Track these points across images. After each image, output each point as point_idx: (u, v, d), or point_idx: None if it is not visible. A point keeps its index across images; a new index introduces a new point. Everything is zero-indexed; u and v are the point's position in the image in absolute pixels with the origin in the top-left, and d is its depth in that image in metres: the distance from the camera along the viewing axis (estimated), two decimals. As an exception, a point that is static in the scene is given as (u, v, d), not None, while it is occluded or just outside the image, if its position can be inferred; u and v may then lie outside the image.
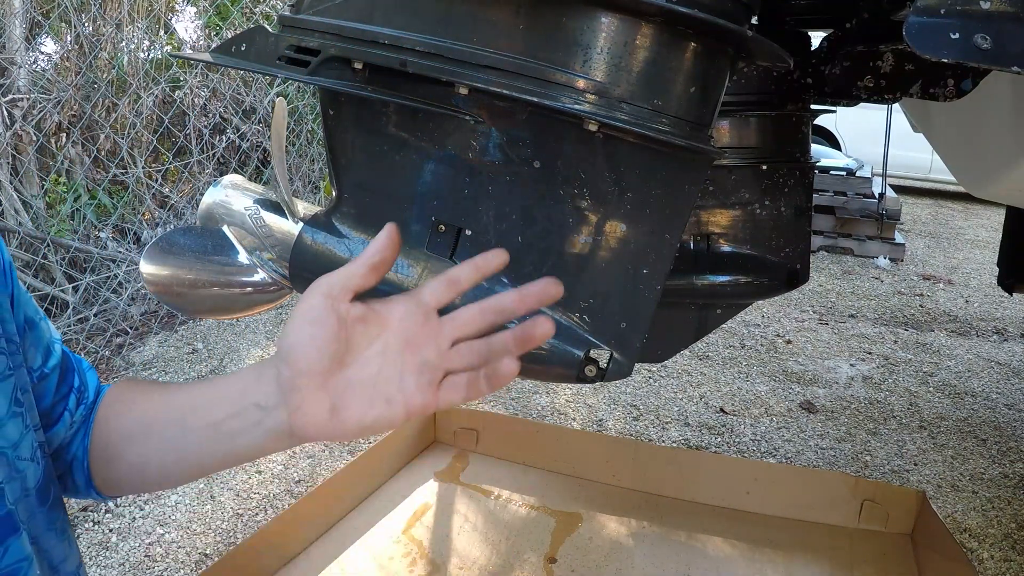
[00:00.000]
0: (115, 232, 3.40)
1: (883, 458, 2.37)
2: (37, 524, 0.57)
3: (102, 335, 2.93)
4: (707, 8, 0.60)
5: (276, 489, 2.07)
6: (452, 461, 1.69)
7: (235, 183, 0.81)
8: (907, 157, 6.31)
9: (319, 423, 0.51)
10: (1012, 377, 3.10)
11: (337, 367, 0.51)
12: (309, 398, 0.51)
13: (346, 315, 0.51)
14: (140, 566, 1.74)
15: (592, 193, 0.62)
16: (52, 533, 0.59)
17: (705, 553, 1.41)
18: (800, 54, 1.21)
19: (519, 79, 0.58)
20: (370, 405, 0.52)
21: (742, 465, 1.68)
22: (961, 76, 1.05)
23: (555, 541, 1.42)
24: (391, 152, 0.67)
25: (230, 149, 3.97)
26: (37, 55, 3.34)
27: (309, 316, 0.51)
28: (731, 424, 2.55)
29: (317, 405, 0.51)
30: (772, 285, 1.30)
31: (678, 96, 0.62)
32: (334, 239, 0.71)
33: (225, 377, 0.58)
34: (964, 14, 0.59)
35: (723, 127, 1.22)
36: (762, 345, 3.32)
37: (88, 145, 3.37)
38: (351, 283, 0.52)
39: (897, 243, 4.98)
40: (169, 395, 0.61)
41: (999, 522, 2.04)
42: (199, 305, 0.80)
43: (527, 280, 0.64)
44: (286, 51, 0.67)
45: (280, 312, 3.39)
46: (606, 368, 0.64)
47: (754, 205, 1.26)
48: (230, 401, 0.55)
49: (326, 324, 0.50)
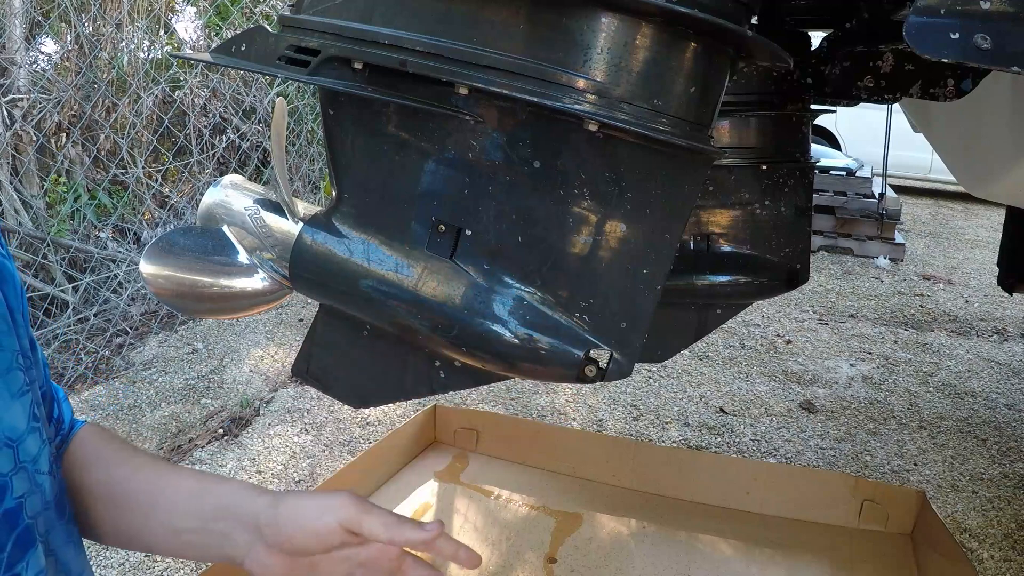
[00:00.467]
0: (115, 232, 3.40)
1: (883, 458, 2.37)
2: (57, 537, 0.58)
3: (102, 335, 2.93)
4: (707, 8, 0.60)
5: (276, 489, 2.08)
6: (452, 461, 1.69)
7: (235, 183, 0.80)
8: (907, 157, 6.31)
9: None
10: (1012, 377, 3.10)
11: (309, 566, 0.59)
12: (276, 564, 0.59)
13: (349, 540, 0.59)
14: (140, 566, 1.74)
15: (592, 193, 0.62)
16: (71, 546, 0.60)
17: (705, 553, 1.41)
18: (800, 54, 1.21)
19: (519, 79, 0.58)
20: None
21: (742, 465, 1.68)
22: (961, 76, 1.05)
23: (555, 541, 1.42)
24: (391, 152, 0.67)
25: (230, 149, 3.97)
26: (37, 55, 3.34)
27: (324, 528, 0.58)
28: (731, 424, 2.55)
29: (276, 572, 0.59)
30: (772, 285, 1.31)
31: (678, 96, 0.62)
32: (334, 239, 0.71)
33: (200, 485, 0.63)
34: (964, 14, 0.59)
35: (723, 127, 1.22)
36: (762, 345, 3.32)
37: (88, 145, 3.37)
38: (373, 532, 0.59)
39: (897, 243, 4.98)
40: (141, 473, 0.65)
41: (999, 522, 2.04)
42: (199, 305, 0.80)
43: (527, 280, 0.64)
44: (286, 51, 0.67)
45: (280, 312, 3.39)
46: (606, 368, 0.64)
47: (754, 205, 1.26)
48: (196, 517, 0.61)
49: (327, 543, 0.58)
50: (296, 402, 2.59)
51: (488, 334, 0.64)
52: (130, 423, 2.45)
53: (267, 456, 2.26)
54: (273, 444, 2.33)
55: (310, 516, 0.59)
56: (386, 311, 0.69)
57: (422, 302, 0.66)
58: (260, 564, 0.59)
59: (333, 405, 2.54)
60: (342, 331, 0.76)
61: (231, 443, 2.33)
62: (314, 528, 0.58)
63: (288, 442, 2.35)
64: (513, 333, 0.64)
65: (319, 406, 2.57)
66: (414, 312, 0.67)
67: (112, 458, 0.66)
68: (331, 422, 2.48)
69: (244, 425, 2.45)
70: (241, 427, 2.44)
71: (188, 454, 2.26)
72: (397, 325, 0.70)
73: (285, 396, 2.64)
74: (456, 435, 1.75)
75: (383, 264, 0.68)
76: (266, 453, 2.28)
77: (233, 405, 2.58)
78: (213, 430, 2.42)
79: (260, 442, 2.34)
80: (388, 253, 0.68)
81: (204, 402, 2.61)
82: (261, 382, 2.76)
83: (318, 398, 2.60)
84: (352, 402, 0.80)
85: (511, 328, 0.64)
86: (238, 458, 2.24)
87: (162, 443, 2.34)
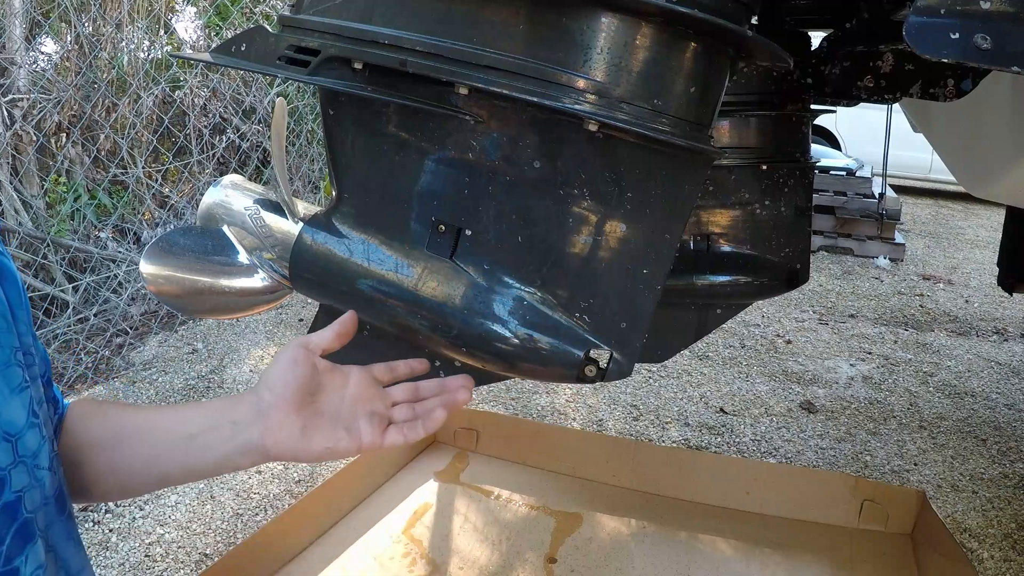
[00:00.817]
0: (115, 232, 3.40)
1: (883, 458, 2.37)
2: (57, 533, 0.58)
3: (102, 335, 2.93)
4: (707, 8, 0.60)
5: (276, 489, 2.08)
6: (452, 461, 1.69)
7: (235, 183, 0.81)
8: (907, 157, 6.31)
9: (290, 441, 0.61)
10: (1012, 377, 3.10)
11: (309, 400, 0.63)
12: (284, 420, 0.61)
13: (318, 365, 0.65)
14: (140, 566, 1.74)
15: (592, 193, 0.62)
16: (71, 543, 0.61)
17: (705, 553, 1.41)
18: (800, 54, 1.22)
19: (519, 79, 0.58)
20: (333, 432, 0.63)
21: (742, 465, 1.68)
22: (961, 76, 1.05)
23: (555, 541, 1.42)
24: (391, 152, 0.67)
25: (230, 149, 3.96)
26: (37, 55, 3.34)
27: (291, 358, 0.63)
28: (731, 424, 2.55)
29: (290, 426, 0.62)
30: (772, 285, 1.31)
31: (678, 96, 0.62)
32: (334, 239, 0.71)
33: (196, 402, 0.67)
34: (964, 14, 0.59)
35: (723, 127, 1.22)
36: (762, 345, 3.32)
37: (88, 145, 3.37)
38: (323, 343, 0.66)
39: (897, 243, 4.98)
40: (141, 410, 0.69)
41: (999, 522, 2.04)
42: (199, 305, 0.80)
43: (527, 280, 0.64)
44: (286, 51, 0.67)
45: (280, 312, 3.39)
46: (606, 368, 0.64)
47: (754, 205, 1.26)
48: (206, 417, 0.64)
49: (304, 366, 0.63)
50: (296, 402, 2.59)
51: (488, 334, 0.64)
52: (130, 423, 2.45)
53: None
54: (273, 444, 2.33)
55: (279, 360, 0.64)
56: (386, 311, 0.69)
57: (422, 302, 0.66)
58: (276, 425, 0.61)
59: (333, 405, 2.54)
60: (342, 331, 0.76)
61: (231, 443, 2.33)
62: (288, 359, 0.63)
63: (288, 442, 2.34)
64: (513, 333, 0.64)
65: (319, 406, 2.56)
66: (414, 312, 0.67)
67: (109, 407, 0.70)
68: (331, 422, 2.48)
69: (244, 425, 2.45)
70: (241, 427, 2.43)
71: (188, 454, 2.26)
72: (397, 325, 0.70)
73: (285, 396, 2.63)
74: (456, 435, 1.75)
75: (383, 264, 0.68)
76: (266, 453, 2.27)
77: (233, 405, 2.58)
78: (213, 430, 2.41)
79: (260, 442, 2.33)
80: (388, 253, 0.68)
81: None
82: (261, 382, 2.75)
83: (318, 398, 2.60)
84: (352, 402, 0.79)
85: (511, 328, 0.64)
86: (238, 458, 2.24)
87: (162, 443, 2.34)
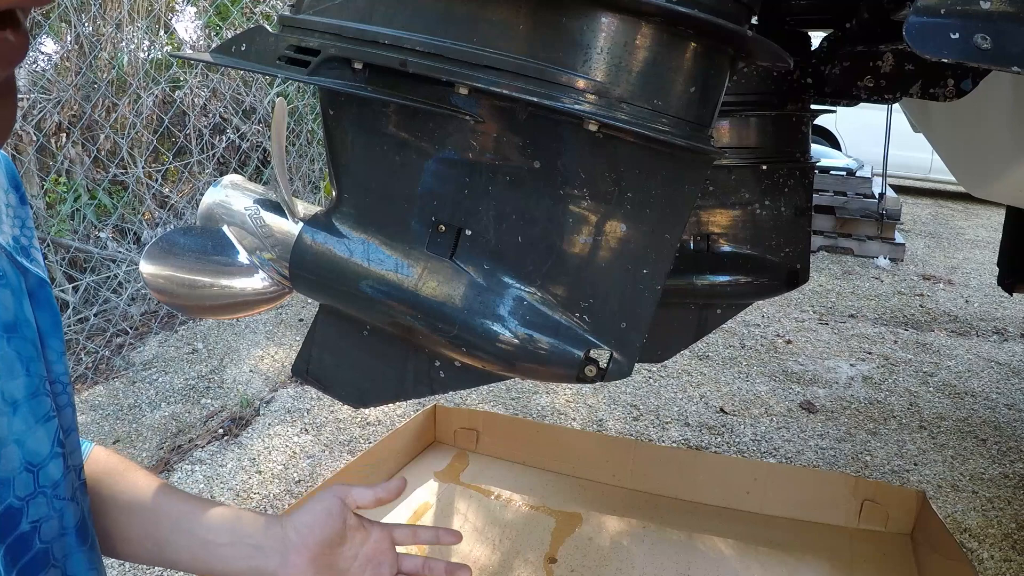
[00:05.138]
0: (115, 232, 3.40)
1: (883, 458, 2.37)
2: (76, 563, 0.58)
3: (102, 335, 2.93)
4: (707, 8, 0.60)
5: (276, 489, 2.08)
6: (452, 461, 1.69)
7: (235, 183, 0.80)
8: (907, 157, 6.31)
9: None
10: (1012, 377, 3.10)
11: (329, 552, 0.68)
12: (302, 566, 0.66)
13: (349, 521, 0.69)
14: (140, 566, 1.74)
15: (592, 193, 0.62)
16: (93, 573, 0.60)
17: (705, 553, 1.41)
18: (800, 54, 1.21)
19: (519, 79, 0.58)
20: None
21: (742, 465, 1.68)
22: (961, 76, 1.05)
23: (555, 541, 1.42)
24: (391, 152, 0.67)
25: (230, 149, 3.96)
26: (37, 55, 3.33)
27: (327, 509, 0.68)
28: (731, 424, 2.55)
29: (305, 571, 0.66)
30: (772, 285, 1.31)
31: (678, 96, 0.62)
32: (334, 239, 0.71)
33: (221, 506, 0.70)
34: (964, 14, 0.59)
35: (723, 127, 1.22)
36: (762, 345, 3.32)
37: (88, 145, 3.37)
38: (361, 501, 0.71)
39: (897, 243, 4.98)
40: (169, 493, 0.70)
41: (999, 522, 2.04)
42: (199, 305, 0.80)
43: (527, 280, 0.64)
44: (286, 51, 0.67)
45: (280, 312, 3.39)
46: (606, 368, 0.64)
47: (754, 205, 1.26)
48: (230, 532, 0.67)
49: (337, 521, 0.68)
50: (296, 402, 2.59)
51: (488, 334, 0.64)
52: (130, 423, 2.45)
53: (267, 456, 2.26)
54: (273, 444, 2.33)
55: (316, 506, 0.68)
56: (386, 311, 0.69)
57: (422, 302, 0.66)
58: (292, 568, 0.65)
59: (333, 405, 2.54)
60: (342, 331, 0.76)
61: (231, 443, 2.33)
62: (324, 509, 0.68)
63: (288, 442, 2.35)
64: (513, 333, 0.64)
65: (319, 406, 2.57)
66: (414, 312, 0.67)
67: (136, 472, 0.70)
68: (331, 422, 2.48)
69: (244, 425, 2.45)
70: (241, 427, 2.44)
71: (188, 454, 2.26)
72: (397, 325, 0.70)
73: (285, 396, 2.64)
74: (456, 435, 1.75)
75: (383, 264, 0.68)
76: (266, 453, 2.28)
77: (233, 405, 2.58)
78: (213, 430, 2.42)
79: (260, 442, 2.34)
80: (388, 253, 0.68)
81: (204, 402, 2.61)
82: (261, 382, 2.76)
83: (318, 398, 2.60)
84: (352, 402, 0.80)
85: (511, 328, 0.64)
86: (238, 458, 2.24)
87: (162, 443, 2.34)
